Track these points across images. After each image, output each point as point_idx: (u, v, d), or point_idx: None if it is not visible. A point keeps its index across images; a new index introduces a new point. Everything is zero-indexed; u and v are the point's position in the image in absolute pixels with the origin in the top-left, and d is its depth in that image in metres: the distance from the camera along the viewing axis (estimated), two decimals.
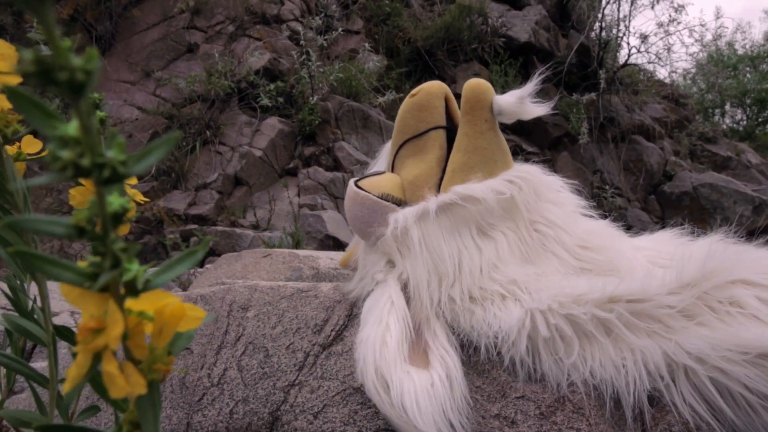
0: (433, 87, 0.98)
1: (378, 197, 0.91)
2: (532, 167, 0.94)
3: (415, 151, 0.97)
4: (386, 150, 1.07)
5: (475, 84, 0.92)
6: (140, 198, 0.59)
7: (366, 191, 0.93)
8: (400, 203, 0.92)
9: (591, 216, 0.95)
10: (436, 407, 0.71)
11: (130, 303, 0.29)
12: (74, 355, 0.28)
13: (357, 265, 0.98)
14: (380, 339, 0.77)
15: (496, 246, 0.86)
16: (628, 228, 1.04)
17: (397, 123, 1.00)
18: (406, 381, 0.73)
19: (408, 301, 0.86)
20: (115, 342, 0.27)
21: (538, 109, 0.93)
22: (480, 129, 0.91)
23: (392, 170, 1.01)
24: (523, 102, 0.91)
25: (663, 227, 1.00)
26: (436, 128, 0.97)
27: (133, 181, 0.57)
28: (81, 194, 0.56)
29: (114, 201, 0.27)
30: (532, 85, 0.92)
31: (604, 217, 0.98)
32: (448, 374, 0.75)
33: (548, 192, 0.93)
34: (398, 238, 0.87)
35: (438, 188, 0.93)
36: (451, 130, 0.98)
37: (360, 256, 0.98)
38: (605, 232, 0.92)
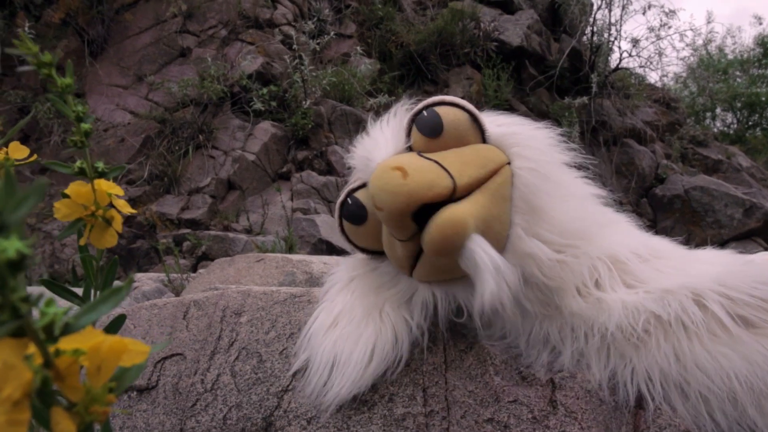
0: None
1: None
2: None
3: None
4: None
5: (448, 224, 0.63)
6: (128, 210, 0.56)
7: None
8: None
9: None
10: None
11: (62, 343, 0.27)
12: None
13: None
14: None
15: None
16: None
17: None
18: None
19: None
20: (7, 400, 0.24)
21: None
22: None
23: None
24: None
25: (655, 231, 0.98)
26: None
27: (120, 191, 0.55)
28: (67, 207, 0.52)
29: (9, 247, 0.23)
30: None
31: None
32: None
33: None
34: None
35: None
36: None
37: None
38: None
